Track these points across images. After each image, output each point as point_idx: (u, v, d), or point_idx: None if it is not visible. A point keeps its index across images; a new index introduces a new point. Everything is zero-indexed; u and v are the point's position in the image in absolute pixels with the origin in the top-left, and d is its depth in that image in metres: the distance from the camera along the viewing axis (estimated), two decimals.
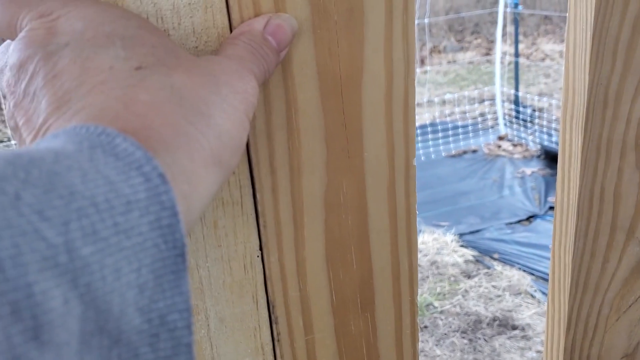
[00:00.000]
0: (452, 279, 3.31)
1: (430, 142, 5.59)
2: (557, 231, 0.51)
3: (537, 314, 2.96)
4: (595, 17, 0.45)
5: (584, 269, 0.51)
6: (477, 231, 3.84)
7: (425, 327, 2.92)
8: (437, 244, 3.71)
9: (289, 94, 0.39)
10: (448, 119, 6.24)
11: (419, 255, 3.64)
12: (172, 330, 0.24)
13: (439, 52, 9.84)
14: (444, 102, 7.01)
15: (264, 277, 0.45)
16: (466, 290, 3.20)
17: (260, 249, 0.44)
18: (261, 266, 0.44)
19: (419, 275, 3.40)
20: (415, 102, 0.44)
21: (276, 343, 0.47)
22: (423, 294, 3.16)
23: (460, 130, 5.71)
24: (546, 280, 3.09)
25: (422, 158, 5.28)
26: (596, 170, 0.47)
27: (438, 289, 3.23)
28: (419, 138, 5.67)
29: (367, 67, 0.40)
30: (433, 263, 3.52)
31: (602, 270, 0.51)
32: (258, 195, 0.42)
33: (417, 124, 6.19)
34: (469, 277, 3.32)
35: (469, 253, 3.56)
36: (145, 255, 0.23)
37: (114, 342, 0.22)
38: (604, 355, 0.56)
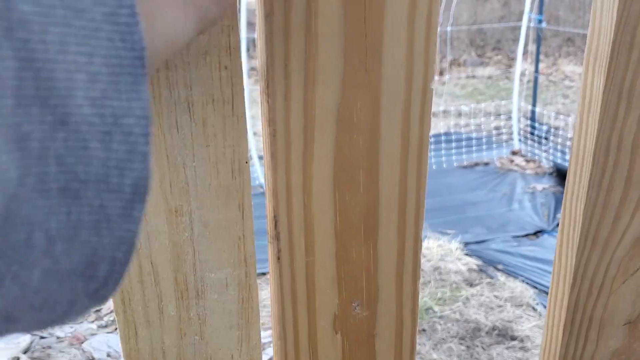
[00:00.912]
0: (454, 285, 3.29)
1: (443, 152, 5.57)
2: (571, 180, 0.50)
3: (537, 327, 2.92)
4: None
5: (594, 222, 0.49)
6: (483, 241, 3.81)
7: (424, 330, 2.90)
8: (441, 251, 3.68)
9: None
10: (463, 130, 6.22)
11: (422, 260, 3.61)
12: (128, 134, 0.23)
13: (459, 65, 9.81)
14: (459, 114, 6.99)
15: (271, 191, 0.44)
16: (467, 298, 3.17)
17: (271, 160, 0.43)
18: (249, 174, 0.43)
19: (421, 280, 3.37)
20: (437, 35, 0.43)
21: (276, 261, 0.46)
22: (423, 298, 3.14)
23: (474, 142, 5.68)
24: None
25: (434, 167, 5.26)
26: (616, 116, 0.46)
27: (439, 294, 3.20)
28: (432, 147, 5.65)
29: None
30: (436, 269, 3.49)
31: (612, 226, 0.50)
32: (270, 101, 0.41)
33: (431, 133, 6.17)
34: (471, 285, 3.30)
35: (473, 262, 3.53)
36: (97, 44, 0.22)
37: (59, 122, 0.21)
38: (606, 319, 0.55)
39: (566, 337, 0.55)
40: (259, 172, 5.08)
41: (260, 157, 5.34)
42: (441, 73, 9.35)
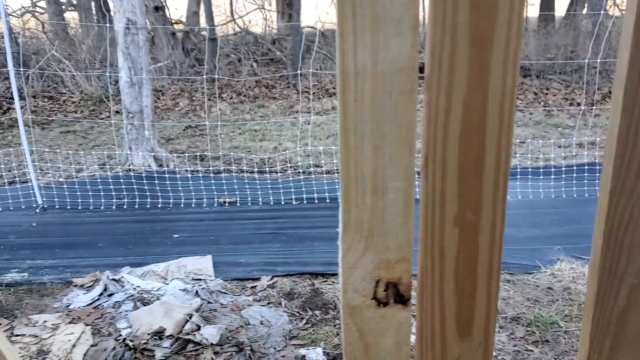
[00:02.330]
0: (582, 306, 3.42)
1: (586, 181, 5.59)
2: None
3: None
4: None
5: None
6: None
7: (547, 341, 3.09)
8: (573, 273, 3.81)
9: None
10: None
11: (553, 280, 3.77)
12: None
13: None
14: None
15: (425, 141, 0.83)
16: None
17: None
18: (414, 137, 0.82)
19: (550, 297, 3.54)
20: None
21: (424, 180, 0.84)
22: (550, 313, 3.32)
23: None
24: None
25: (575, 195, 5.32)
26: None
27: (566, 312, 3.36)
28: (574, 175, 5.69)
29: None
30: (566, 289, 3.64)
31: None
32: (432, 95, 0.80)
33: (575, 162, 6.20)
34: None
35: None
36: None
37: None
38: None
39: None
40: None
41: None
42: (592, 104, 9.16)
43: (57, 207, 5.25)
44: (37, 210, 5.18)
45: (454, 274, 0.85)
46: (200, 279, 3.79)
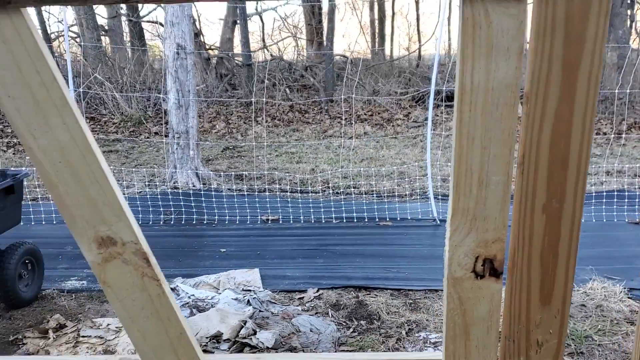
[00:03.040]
0: (615, 321, 3.56)
1: (615, 207, 5.72)
2: None
3: None
4: None
5: None
6: None
7: (581, 352, 3.23)
8: (605, 292, 3.95)
9: None
10: (638, 189, 6.29)
11: (585, 298, 3.91)
12: None
13: (639, 128, 9.62)
14: (635, 175, 7.00)
15: (523, 143, 1.04)
16: (627, 334, 3.43)
17: None
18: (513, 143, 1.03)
19: (583, 314, 3.69)
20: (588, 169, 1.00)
21: (520, 174, 1.05)
22: (584, 327, 3.46)
23: None
24: None
25: (604, 220, 5.45)
26: None
27: (599, 326, 3.49)
28: (604, 201, 5.82)
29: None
30: (598, 306, 3.77)
31: None
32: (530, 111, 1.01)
33: (605, 189, 6.33)
34: (632, 323, 3.54)
35: (636, 305, 3.76)
36: None
37: None
38: None
39: None
40: (433, 207, 5.64)
41: (435, 197, 5.91)
42: (619, 134, 9.27)
43: None
44: None
45: (540, 253, 1.05)
46: (250, 290, 4.00)
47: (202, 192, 6.24)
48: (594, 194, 6.13)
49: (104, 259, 1.06)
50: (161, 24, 14.78)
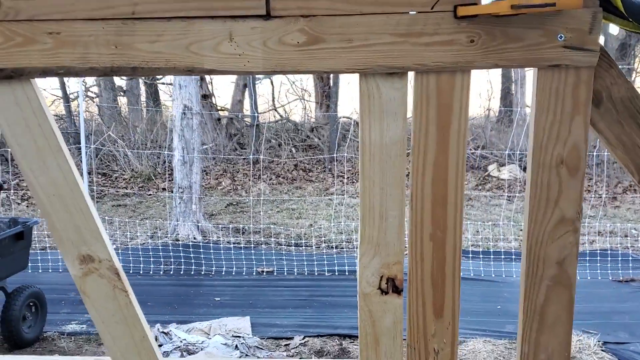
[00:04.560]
0: None
1: (600, 265, 5.90)
2: None
3: None
4: None
5: None
6: (624, 343, 4.15)
7: None
8: (579, 344, 4.11)
9: None
10: (625, 249, 6.48)
11: None
12: None
13: (635, 191, 9.85)
14: (626, 235, 7.20)
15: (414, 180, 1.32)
16: None
17: None
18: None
19: None
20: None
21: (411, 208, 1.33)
22: None
23: (631, 261, 5.95)
24: None
25: (589, 278, 5.63)
26: None
27: None
28: (588, 259, 6.01)
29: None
30: (573, 358, 3.93)
31: None
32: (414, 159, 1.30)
33: (590, 248, 6.51)
34: None
35: (609, 357, 3.91)
36: None
37: None
38: None
39: None
40: None
41: None
42: (615, 198, 9.51)
43: None
44: None
45: (430, 273, 1.32)
46: (239, 336, 4.21)
47: (201, 244, 6.51)
48: (586, 252, 6.30)
49: (84, 273, 1.34)
50: None
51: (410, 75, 1.23)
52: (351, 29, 1.18)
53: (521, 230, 7.05)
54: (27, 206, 9.10)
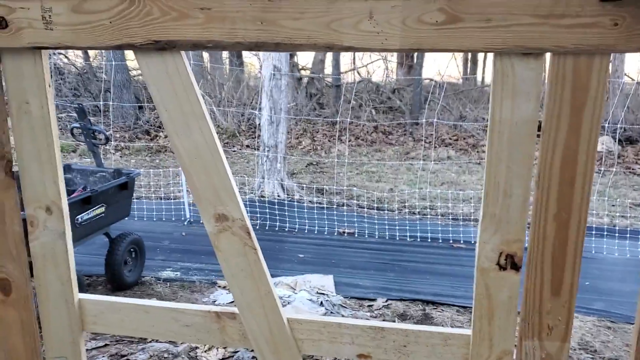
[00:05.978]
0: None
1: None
2: None
3: None
4: None
5: None
6: None
7: None
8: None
9: None
10: None
11: None
12: None
13: None
14: None
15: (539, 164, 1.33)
16: None
17: None
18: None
19: None
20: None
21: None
22: None
23: None
24: None
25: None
26: None
27: None
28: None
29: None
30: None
31: None
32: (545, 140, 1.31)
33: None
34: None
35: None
36: None
37: None
38: None
39: None
40: None
41: None
42: None
43: (201, 221, 6.07)
44: (185, 223, 6.04)
45: (552, 253, 1.33)
46: (323, 293, 4.35)
47: (285, 202, 6.69)
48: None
49: (219, 230, 1.45)
50: None
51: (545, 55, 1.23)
52: (490, 9, 1.19)
53: (613, 205, 6.81)
54: (121, 156, 9.60)
